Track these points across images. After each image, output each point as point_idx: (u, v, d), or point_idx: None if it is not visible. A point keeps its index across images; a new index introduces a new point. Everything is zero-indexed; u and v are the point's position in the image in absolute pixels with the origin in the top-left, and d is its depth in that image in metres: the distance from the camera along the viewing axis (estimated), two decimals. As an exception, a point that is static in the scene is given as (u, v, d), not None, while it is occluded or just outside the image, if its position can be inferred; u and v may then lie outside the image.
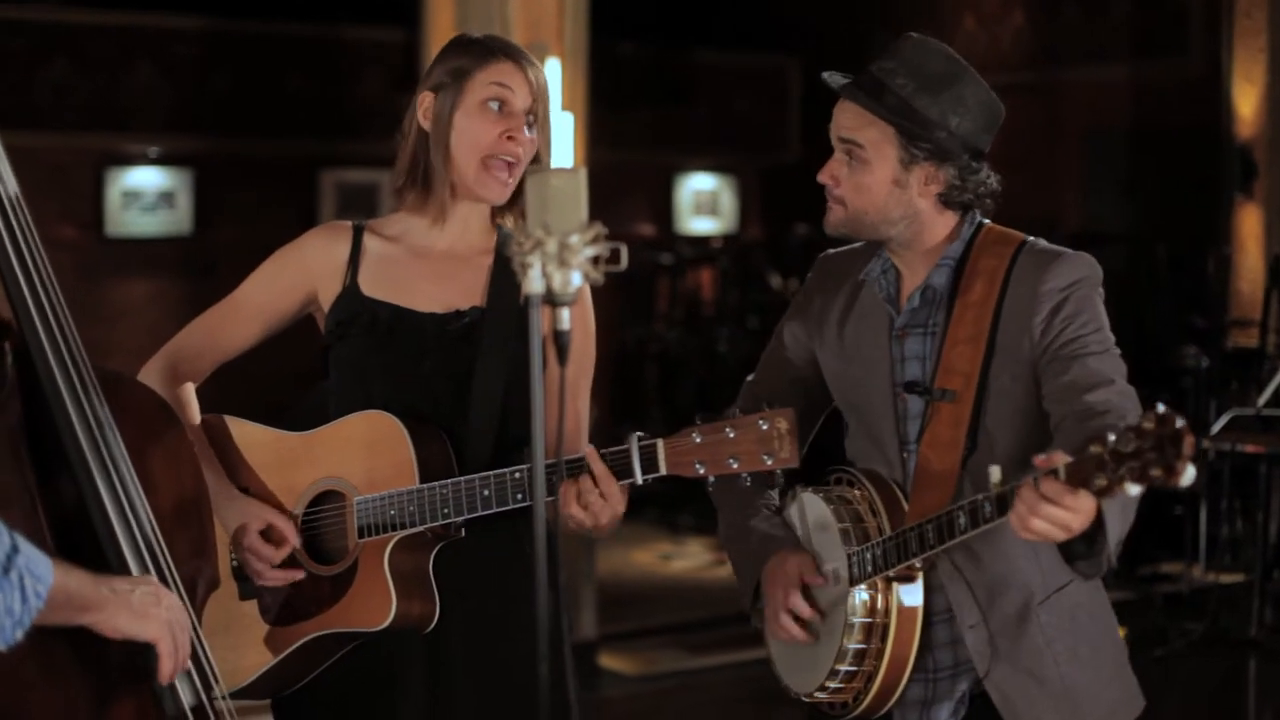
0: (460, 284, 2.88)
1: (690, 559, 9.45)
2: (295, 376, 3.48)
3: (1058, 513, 2.34)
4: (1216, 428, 7.31)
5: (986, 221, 2.82)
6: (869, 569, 2.68)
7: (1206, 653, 7.08)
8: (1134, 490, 2.27)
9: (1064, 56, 11.54)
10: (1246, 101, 9.49)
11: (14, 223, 2.20)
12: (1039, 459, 2.36)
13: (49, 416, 2.19)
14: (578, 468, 2.65)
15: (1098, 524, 2.41)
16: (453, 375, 2.83)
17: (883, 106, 2.71)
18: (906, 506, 2.73)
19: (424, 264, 2.90)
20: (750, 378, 3.03)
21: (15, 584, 1.91)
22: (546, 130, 2.87)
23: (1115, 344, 2.70)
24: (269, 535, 2.79)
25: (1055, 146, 11.48)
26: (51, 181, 10.68)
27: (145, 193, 11.49)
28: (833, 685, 2.74)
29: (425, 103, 2.86)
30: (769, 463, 2.56)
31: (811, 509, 2.82)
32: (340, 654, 2.83)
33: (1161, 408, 2.24)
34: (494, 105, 2.81)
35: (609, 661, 7.14)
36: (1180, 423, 2.22)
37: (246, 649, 2.82)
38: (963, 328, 2.73)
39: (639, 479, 2.61)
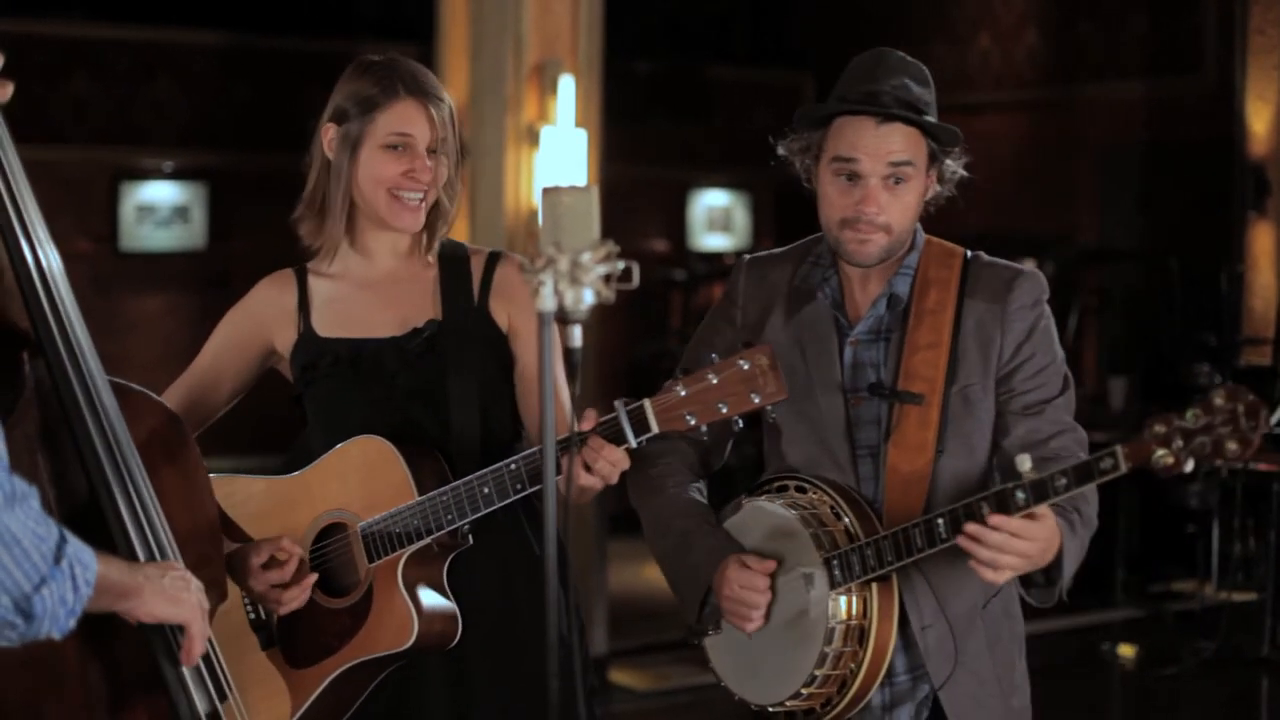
0: (411, 303, 2.91)
1: (702, 575, 9.41)
2: (263, 414, 3.43)
3: (1023, 544, 2.49)
4: (1229, 446, 7.29)
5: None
6: (855, 572, 2.65)
7: (1218, 671, 7.05)
8: (1189, 467, 2.37)
9: (1078, 73, 11.52)
10: (1260, 119, 9.47)
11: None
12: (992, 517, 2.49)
13: (66, 426, 2.20)
14: (568, 444, 2.61)
15: (1056, 557, 2.55)
16: (426, 391, 2.85)
17: (926, 121, 2.72)
18: (873, 510, 2.73)
19: (371, 293, 2.93)
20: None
21: (67, 573, 1.93)
22: (453, 155, 2.90)
23: (1063, 360, 2.77)
24: (271, 564, 2.77)
25: (1069, 163, 11.45)
26: (67, 195, 10.70)
27: (160, 207, 11.49)
28: (806, 692, 2.71)
29: (329, 134, 2.92)
30: (757, 400, 2.57)
31: (766, 516, 2.78)
32: (375, 683, 2.81)
33: (1229, 384, 2.31)
34: (397, 147, 2.86)
35: (619, 677, 7.13)
36: (1252, 395, 2.30)
37: (277, 697, 2.81)
38: (921, 335, 2.75)
39: (633, 442, 2.62)
